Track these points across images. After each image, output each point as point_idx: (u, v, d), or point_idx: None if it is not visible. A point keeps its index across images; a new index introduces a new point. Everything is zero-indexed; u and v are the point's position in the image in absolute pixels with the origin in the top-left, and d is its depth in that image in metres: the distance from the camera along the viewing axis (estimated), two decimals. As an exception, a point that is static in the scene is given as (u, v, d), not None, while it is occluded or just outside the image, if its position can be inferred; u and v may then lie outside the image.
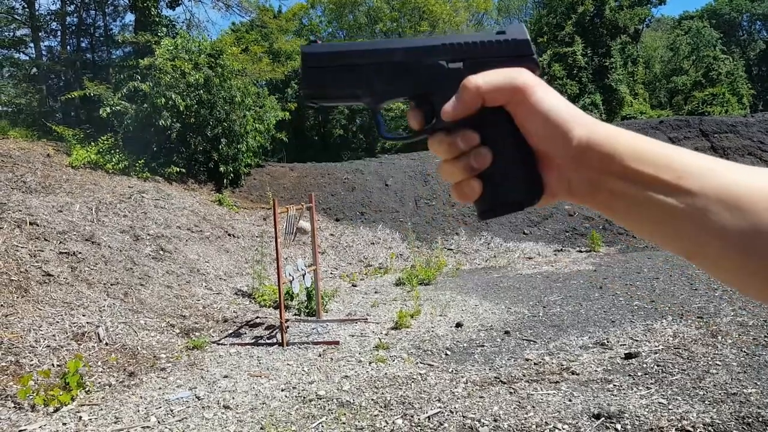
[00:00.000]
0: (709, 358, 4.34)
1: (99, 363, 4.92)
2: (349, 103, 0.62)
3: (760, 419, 3.25)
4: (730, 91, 26.55)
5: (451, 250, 11.45)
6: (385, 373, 4.51)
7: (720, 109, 24.56)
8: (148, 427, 3.75)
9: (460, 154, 0.55)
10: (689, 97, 27.63)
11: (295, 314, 6.92)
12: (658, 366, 4.26)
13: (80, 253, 7.00)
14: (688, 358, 4.38)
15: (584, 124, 0.51)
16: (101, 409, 4.06)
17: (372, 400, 3.96)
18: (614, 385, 3.96)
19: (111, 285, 6.58)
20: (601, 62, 24.24)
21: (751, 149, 15.28)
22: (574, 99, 23.37)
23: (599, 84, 24.14)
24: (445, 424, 3.49)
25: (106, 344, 5.28)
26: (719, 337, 4.82)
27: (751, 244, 0.43)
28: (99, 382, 4.58)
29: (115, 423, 3.83)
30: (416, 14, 27.27)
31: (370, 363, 4.81)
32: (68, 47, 17.46)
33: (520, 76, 0.53)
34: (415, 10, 27.09)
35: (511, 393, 3.93)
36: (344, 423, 3.60)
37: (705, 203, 0.45)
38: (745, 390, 3.66)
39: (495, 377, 4.30)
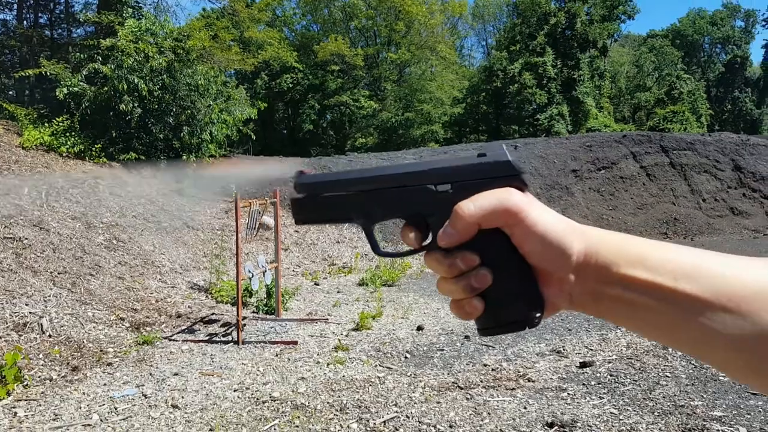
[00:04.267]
0: (660, 370, 4.44)
1: (40, 356, 4.67)
2: (341, 224, 0.61)
3: (705, 431, 3.33)
4: (690, 110, 27.61)
5: (415, 251, 11.46)
6: (343, 376, 4.43)
7: (680, 126, 25.50)
8: (89, 425, 3.56)
9: (460, 273, 0.55)
10: (651, 113, 28.58)
11: (254, 312, 6.76)
12: (611, 376, 4.33)
13: (26, 239, 6.64)
14: (639, 369, 4.47)
15: (580, 235, 0.52)
16: (39, 405, 3.85)
17: (328, 403, 3.87)
18: (568, 393, 3.99)
19: (58, 274, 6.27)
20: (569, 74, 24.81)
21: (707, 167, 15.90)
22: (542, 108, 23.84)
23: (567, 95, 24.69)
24: (401, 430, 3.45)
25: (50, 336, 5.02)
26: (670, 349, 4.95)
27: (757, 348, 0.43)
28: (39, 376, 4.34)
29: (54, 420, 3.63)
30: (392, 13, 27.24)
31: (328, 365, 4.73)
32: (25, 22, 16.62)
33: (511, 198, 0.53)
34: (391, 10, 27.05)
35: (467, 399, 3.92)
36: (297, 426, 3.51)
37: (704, 307, 0.45)
38: (692, 402, 3.76)
39: (453, 382, 4.28)
